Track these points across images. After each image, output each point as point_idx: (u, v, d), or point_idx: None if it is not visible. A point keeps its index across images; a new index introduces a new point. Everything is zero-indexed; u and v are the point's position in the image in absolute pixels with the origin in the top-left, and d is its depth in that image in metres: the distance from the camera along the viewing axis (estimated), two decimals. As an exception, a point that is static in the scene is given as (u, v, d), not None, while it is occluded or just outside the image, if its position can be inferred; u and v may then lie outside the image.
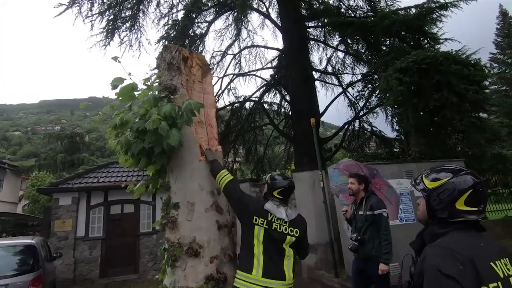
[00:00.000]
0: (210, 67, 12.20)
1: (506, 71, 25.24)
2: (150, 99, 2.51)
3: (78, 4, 9.19)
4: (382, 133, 12.62)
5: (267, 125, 14.11)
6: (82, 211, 8.56)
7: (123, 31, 10.27)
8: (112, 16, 9.74)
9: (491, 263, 0.99)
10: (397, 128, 10.22)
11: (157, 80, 2.85)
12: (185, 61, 3.08)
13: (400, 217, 4.74)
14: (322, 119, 12.54)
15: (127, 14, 10.29)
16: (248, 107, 13.50)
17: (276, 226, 2.42)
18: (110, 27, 9.79)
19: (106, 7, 9.62)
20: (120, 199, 8.84)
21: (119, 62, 2.81)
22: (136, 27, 10.54)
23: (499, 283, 0.95)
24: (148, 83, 2.78)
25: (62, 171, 27.03)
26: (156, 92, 2.78)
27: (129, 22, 10.35)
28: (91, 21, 9.47)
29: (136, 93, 2.73)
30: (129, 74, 2.69)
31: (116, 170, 9.58)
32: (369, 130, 13.07)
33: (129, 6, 10.30)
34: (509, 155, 8.63)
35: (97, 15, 9.50)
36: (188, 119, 2.46)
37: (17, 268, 4.47)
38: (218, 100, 12.69)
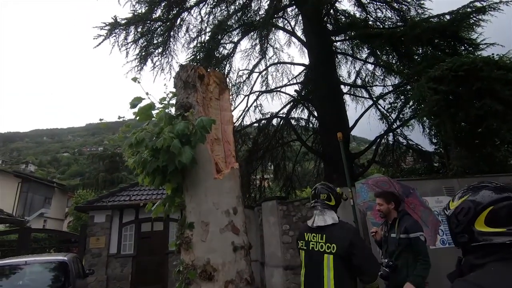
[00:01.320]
0: (236, 86, 12.44)
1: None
2: (164, 117, 2.52)
3: (115, 34, 9.95)
4: (420, 147, 11.82)
5: (295, 141, 13.89)
6: (115, 228, 8.86)
7: (155, 56, 10.90)
8: (145, 43, 10.40)
9: None
10: (435, 141, 9.50)
11: (174, 99, 2.89)
12: (201, 79, 3.10)
13: (442, 239, 4.25)
14: (354, 133, 12.13)
15: (159, 40, 10.94)
16: (275, 124, 13.46)
17: (313, 245, 2.24)
18: (143, 53, 10.44)
19: (139, 35, 10.31)
20: (150, 217, 9.03)
21: (139, 82, 2.91)
22: (167, 52, 11.14)
23: None
24: (165, 102, 2.82)
25: (103, 189, 28.67)
26: (172, 110, 2.81)
27: (160, 48, 10.98)
28: (126, 49, 10.18)
29: (153, 112, 2.77)
30: (147, 93, 2.76)
31: (147, 188, 9.89)
32: (404, 144, 12.32)
33: (160, 32, 10.97)
34: None
35: (131, 43, 10.20)
36: (201, 136, 2.42)
37: (50, 284, 4.63)
38: (244, 117, 12.82)
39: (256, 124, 13.12)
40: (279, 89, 13.31)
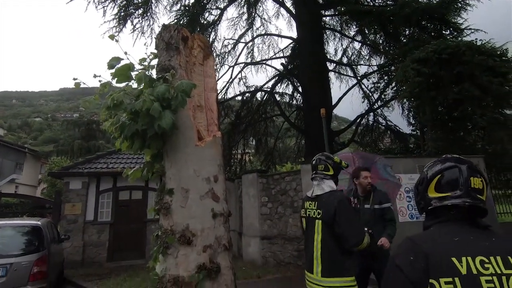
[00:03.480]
0: (221, 56, 12.02)
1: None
2: (143, 79, 2.39)
3: (90, -11, 9.17)
4: (397, 128, 12.20)
5: (278, 117, 13.89)
6: (92, 195, 8.71)
7: (135, 18, 10.22)
8: (124, 2, 9.69)
9: (453, 258, 0.92)
10: (413, 122, 9.80)
11: (155, 61, 2.74)
12: (185, 41, 2.94)
13: (411, 214, 4.51)
14: (336, 113, 12.26)
15: (139, 0, 10.22)
16: (259, 98, 13.32)
17: (309, 212, 2.34)
18: (122, 14, 9.76)
19: (118, -7, 9.57)
20: (128, 185, 8.93)
21: (117, 41, 2.73)
22: (148, 14, 10.47)
23: (457, 279, 0.89)
24: (145, 63, 2.67)
25: (79, 157, 27.81)
26: (153, 73, 2.67)
27: (141, 9, 10.29)
28: (103, 7, 9.46)
29: (133, 73, 2.62)
30: (126, 53, 2.59)
31: (126, 157, 9.67)
32: (383, 124, 12.66)
33: (142, -8, 10.22)
34: (534, 154, 8.08)
35: (109, 1, 9.48)
36: (182, 101, 2.33)
37: (23, 248, 4.55)
38: (228, 89, 12.57)
39: (239, 97, 12.94)
40: (264, 61, 13.05)
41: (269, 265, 7.09)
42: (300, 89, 12.45)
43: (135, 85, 2.51)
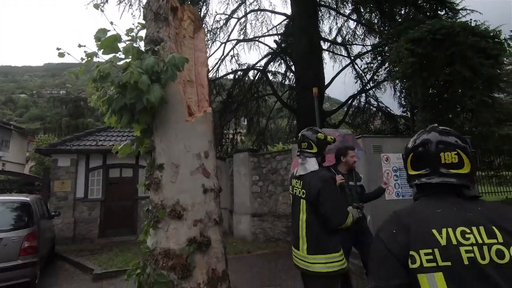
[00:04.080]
0: (212, 32, 11.62)
1: (526, 51, 23.97)
2: (131, 50, 2.30)
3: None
4: (388, 109, 12.27)
5: (270, 96, 13.76)
6: (81, 173, 8.62)
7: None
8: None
9: (433, 230, 0.93)
10: (404, 103, 9.87)
11: (142, 32, 2.63)
12: (174, 12, 2.83)
13: (397, 192, 4.64)
14: (328, 94, 12.21)
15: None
16: (251, 76, 13.11)
17: (296, 190, 2.35)
18: (108, -17, 9.24)
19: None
20: (118, 163, 8.85)
21: (102, 11, 2.61)
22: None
23: (436, 250, 0.90)
24: (133, 34, 2.56)
25: (67, 135, 27.26)
26: (141, 45, 2.57)
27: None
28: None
29: (120, 45, 2.51)
30: (111, 23, 2.47)
31: (115, 134, 9.51)
32: (375, 105, 12.71)
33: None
34: (518, 136, 8.33)
35: (94, -31, 8.93)
36: (173, 74, 2.26)
37: (12, 223, 4.53)
38: (219, 66, 12.32)
39: (231, 75, 12.71)
40: (257, 38, 12.72)
41: (259, 241, 7.29)
42: (293, 68, 12.28)
43: (122, 57, 2.42)
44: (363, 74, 11.78)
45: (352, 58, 12.20)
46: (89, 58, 2.31)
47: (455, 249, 0.89)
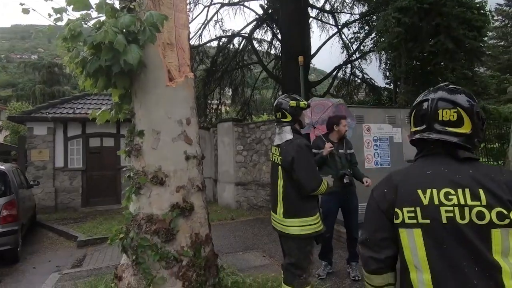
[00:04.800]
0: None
1: (508, 25, 24.23)
2: (103, 6, 2.13)
3: None
4: (373, 81, 12.34)
5: (255, 66, 13.45)
6: (59, 142, 8.34)
7: None
8: None
9: (418, 190, 0.98)
10: (388, 75, 9.93)
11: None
12: (151, -34, 2.61)
13: (376, 161, 4.80)
14: (314, 65, 12.06)
15: None
16: (236, 44, 12.66)
17: (274, 158, 2.39)
18: None
19: None
20: (99, 132, 8.60)
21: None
22: None
23: (418, 208, 0.96)
24: (105, -11, 2.36)
25: (42, 103, 25.95)
26: (116, 3, 2.39)
27: None
28: None
29: (92, 1, 2.32)
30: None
31: (94, 102, 9.11)
32: (360, 77, 12.72)
33: None
34: (493, 109, 8.67)
35: None
36: (151, 35, 2.14)
37: (-11, 192, 4.41)
38: (202, 32, 11.79)
39: (215, 42, 12.23)
40: (243, 2, 12.12)
41: (243, 209, 7.50)
42: (279, 36, 11.93)
43: (95, 15, 2.25)
44: (349, 44, 11.63)
45: (340, 27, 11.94)
46: (58, 15, 2.12)
47: (435, 208, 0.94)
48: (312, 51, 10.91)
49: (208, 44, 12.64)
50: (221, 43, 12.23)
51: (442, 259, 0.92)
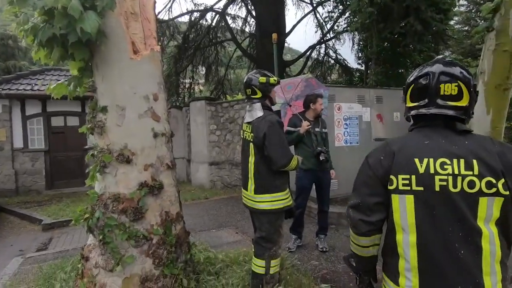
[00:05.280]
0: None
1: (473, 10, 25.28)
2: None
3: None
4: (346, 62, 12.52)
5: (229, 43, 13.08)
6: (17, 121, 7.72)
7: None
8: None
9: (416, 159, 1.01)
10: (360, 56, 10.10)
11: None
12: None
13: (346, 139, 4.95)
14: (289, 44, 11.93)
15: None
16: (209, 19, 12.17)
17: (246, 135, 2.38)
18: None
19: None
20: (62, 111, 8.06)
21: None
22: None
23: (413, 176, 1.00)
24: None
25: (-5, 78, 23.70)
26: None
27: None
28: None
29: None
30: None
31: (54, 78, 8.42)
32: (333, 58, 12.84)
33: None
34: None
35: None
36: (110, 1, 1.98)
37: None
38: (172, 4, 11.18)
39: (187, 17, 11.66)
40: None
41: (217, 188, 7.53)
42: (254, 13, 11.60)
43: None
44: (324, 23, 11.61)
45: (314, 5, 11.82)
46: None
47: (430, 177, 0.98)
48: (287, 30, 10.77)
49: (179, 19, 12.05)
50: (193, 18, 11.69)
51: (430, 223, 0.98)
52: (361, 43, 9.55)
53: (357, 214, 1.13)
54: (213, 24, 12.00)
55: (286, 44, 12.54)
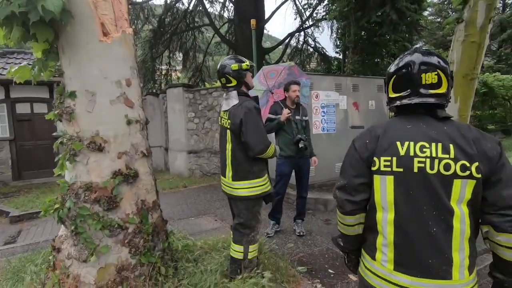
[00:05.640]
0: None
1: (445, 2, 26.11)
2: None
3: None
4: (324, 50, 12.60)
5: (207, 29, 12.73)
6: (-23, 107, 7.19)
7: None
8: None
9: (397, 142, 1.08)
10: (338, 44, 10.21)
11: None
12: None
13: (323, 127, 5.04)
14: (268, 31, 11.79)
15: None
16: (186, 3, 11.74)
17: (223, 122, 2.36)
18: None
19: None
20: (28, 97, 7.55)
21: None
22: None
23: (394, 158, 1.07)
24: None
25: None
26: None
27: None
28: None
29: None
30: None
31: (18, 62, 7.87)
32: (312, 46, 12.88)
33: None
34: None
35: None
36: (75, -22, 1.84)
37: None
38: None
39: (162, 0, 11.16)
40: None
41: (196, 176, 7.46)
42: (232, -3, 11.32)
43: None
44: (303, 11, 11.55)
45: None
46: None
47: (410, 159, 1.05)
48: (266, 16, 10.63)
49: (154, 1, 11.53)
50: (168, 1, 11.22)
51: (407, 203, 1.06)
52: (339, 31, 9.63)
53: (343, 194, 1.20)
54: (190, 8, 11.60)
55: (265, 31, 12.40)
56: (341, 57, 10.54)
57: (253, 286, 2.16)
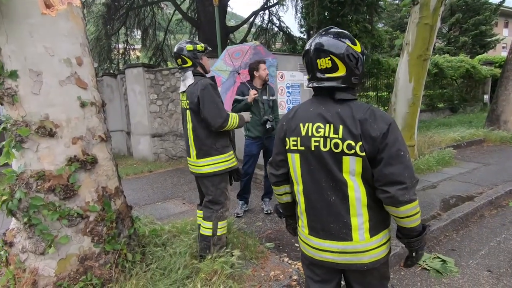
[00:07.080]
0: None
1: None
2: None
3: None
4: (289, 30, 12.57)
5: (167, 3, 11.99)
6: None
7: None
8: None
9: (300, 123, 1.23)
10: (303, 24, 10.21)
11: None
12: None
13: (288, 107, 5.11)
14: (232, 9, 11.42)
15: None
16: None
17: (183, 104, 2.37)
18: None
19: None
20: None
21: None
22: None
23: (298, 138, 1.23)
24: None
25: None
26: None
27: None
28: None
29: None
30: None
31: None
32: (277, 25, 12.76)
33: None
34: (384, 61, 9.97)
35: None
36: None
37: None
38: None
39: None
40: None
41: (161, 161, 7.26)
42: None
43: None
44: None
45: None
46: None
47: (308, 138, 1.20)
48: (229, -8, 10.24)
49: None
50: (122, -28, 10.32)
51: (309, 176, 1.23)
52: (303, 10, 9.61)
53: (270, 169, 1.44)
54: (147, -20, 10.79)
55: (229, 9, 11.99)
56: (305, 37, 10.58)
57: (223, 264, 2.21)
